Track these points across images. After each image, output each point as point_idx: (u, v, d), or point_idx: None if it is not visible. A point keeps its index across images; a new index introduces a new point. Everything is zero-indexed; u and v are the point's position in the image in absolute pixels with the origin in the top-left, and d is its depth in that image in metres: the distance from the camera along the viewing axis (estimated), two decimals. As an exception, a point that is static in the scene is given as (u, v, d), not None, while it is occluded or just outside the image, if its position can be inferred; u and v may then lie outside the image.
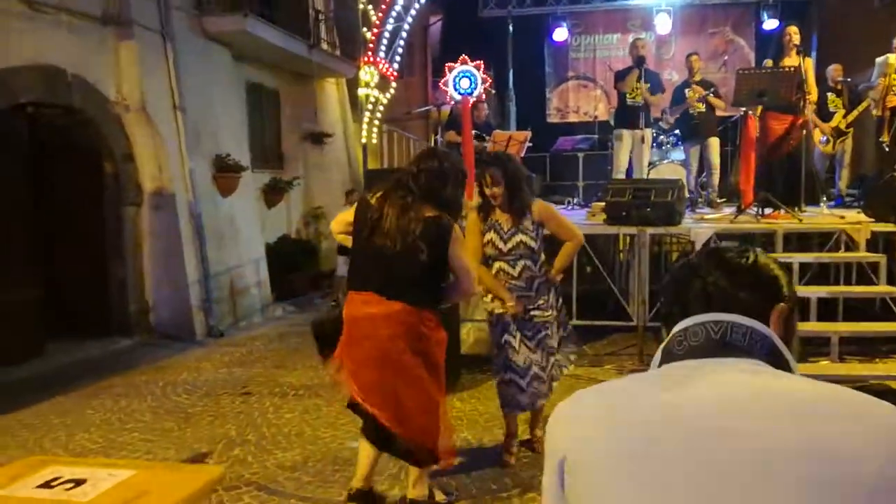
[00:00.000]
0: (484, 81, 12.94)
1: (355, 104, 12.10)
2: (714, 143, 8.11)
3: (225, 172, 8.32)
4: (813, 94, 7.03)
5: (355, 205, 3.29)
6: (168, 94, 7.83)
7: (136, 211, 7.61)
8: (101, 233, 7.55)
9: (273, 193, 9.97)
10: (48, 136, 7.19)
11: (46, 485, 2.10)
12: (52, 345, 6.80)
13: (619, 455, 0.90)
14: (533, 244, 3.95)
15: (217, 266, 8.03)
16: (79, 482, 2.10)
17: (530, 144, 8.77)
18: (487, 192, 3.91)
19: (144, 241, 7.63)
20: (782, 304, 1.04)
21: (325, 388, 5.67)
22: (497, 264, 3.99)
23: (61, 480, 2.12)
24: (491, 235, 3.96)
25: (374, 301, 3.07)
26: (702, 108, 7.96)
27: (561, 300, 4.21)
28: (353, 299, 3.16)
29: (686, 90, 8.03)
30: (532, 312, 4.01)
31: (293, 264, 9.77)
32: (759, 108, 6.97)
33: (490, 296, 4.03)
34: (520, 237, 3.94)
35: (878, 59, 7.43)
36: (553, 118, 12.84)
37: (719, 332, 0.99)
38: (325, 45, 11.20)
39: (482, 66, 12.82)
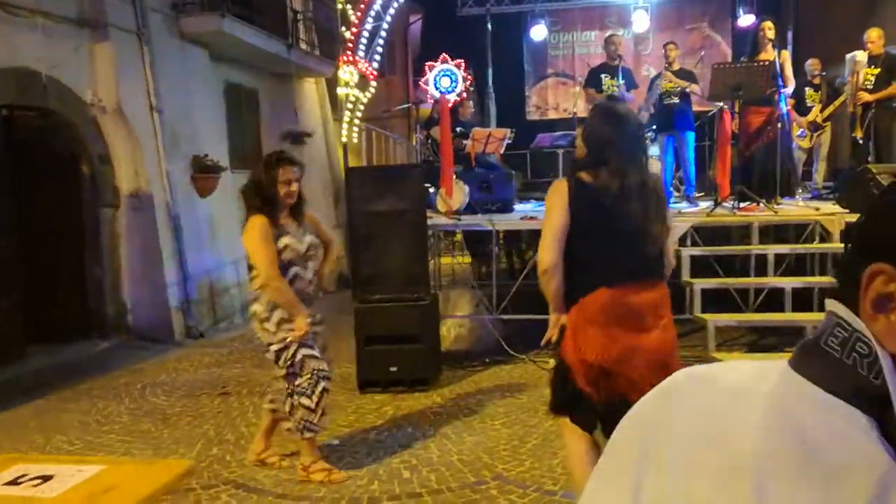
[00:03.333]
0: (465, 80, 12.97)
1: (335, 103, 12.07)
2: (689, 137, 7.98)
3: (203, 173, 8.29)
4: (789, 87, 7.07)
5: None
6: (145, 96, 7.78)
7: (113, 213, 7.56)
8: (79, 235, 7.49)
9: (253, 194, 9.94)
10: (24, 138, 7.12)
11: (13, 482, 2.10)
12: (31, 347, 6.75)
13: None
14: (318, 245, 3.83)
15: (196, 267, 7.99)
16: (46, 478, 2.09)
17: (509, 141, 8.79)
18: (287, 190, 3.65)
19: (122, 243, 7.59)
20: (883, 264, 0.58)
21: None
22: (293, 270, 3.71)
23: (28, 477, 2.12)
24: (287, 240, 3.67)
25: None
26: (675, 100, 7.79)
27: None
28: None
29: (659, 80, 7.90)
30: (315, 328, 3.78)
31: (274, 265, 9.74)
32: (738, 102, 6.99)
33: (277, 318, 3.65)
34: (309, 238, 3.77)
35: (847, 56, 7.49)
36: (532, 115, 12.88)
37: (815, 336, 0.64)
38: (303, 45, 11.18)
39: (463, 64, 12.85)
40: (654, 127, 8.69)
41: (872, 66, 7.38)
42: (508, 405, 5.02)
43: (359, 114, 11.72)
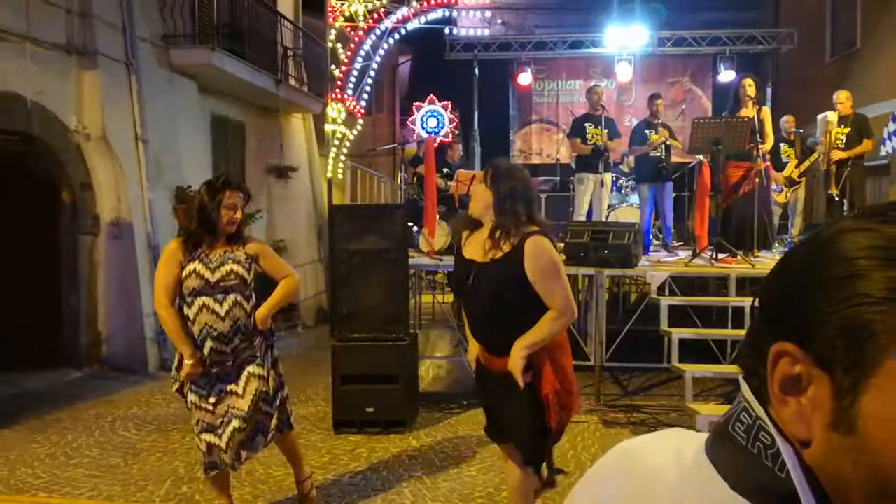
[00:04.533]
0: (451, 122, 13.11)
1: (322, 139, 12.16)
2: (669, 187, 8.20)
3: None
4: (768, 143, 7.24)
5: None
6: (130, 125, 7.79)
7: (92, 240, 7.49)
8: (56, 261, 7.41)
9: (235, 226, 9.88)
10: (4, 162, 7.07)
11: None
12: (1, 376, 6.60)
13: None
14: (246, 275, 3.45)
15: (174, 298, 7.89)
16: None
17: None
18: (231, 216, 3.39)
19: (100, 272, 7.51)
20: (786, 343, 0.54)
21: (280, 424, 5.59)
22: (200, 300, 3.38)
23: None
24: (195, 266, 3.38)
25: None
26: (661, 153, 8.01)
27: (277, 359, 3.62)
28: None
29: (647, 131, 8.06)
30: (247, 369, 3.43)
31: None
32: (720, 156, 7.11)
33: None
34: (231, 266, 3.40)
35: (819, 117, 7.70)
36: (517, 160, 13.01)
37: (725, 416, 0.61)
38: (292, 81, 11.27)
39: (449, 106, 13.00)
40: (635, 177, 8.85)
41: (843, 126, 7.60)
42: (485, 451, 4.98)
43: (345, 150, 11.81)
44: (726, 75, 11.23)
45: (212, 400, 3.38)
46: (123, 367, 7.34)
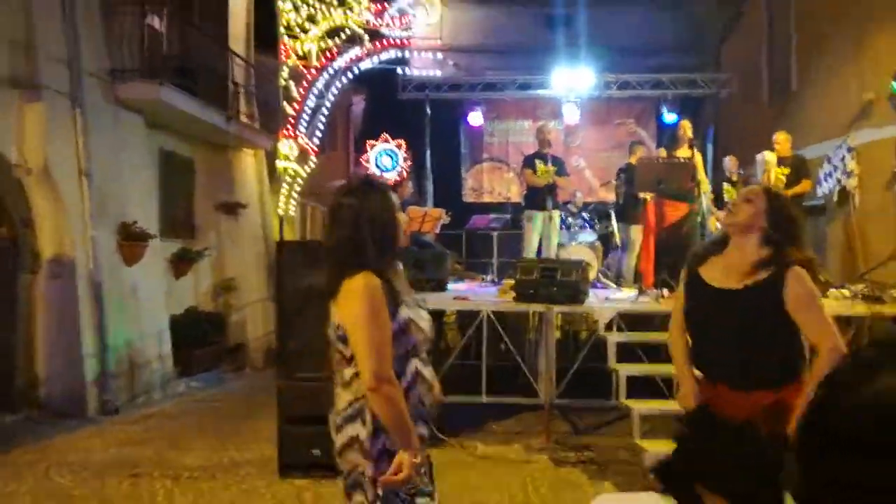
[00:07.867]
0: (405, 160, 13.18)
1: (274, 176, 12.09)
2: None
3: (130, 240, 8.07)
4: (704, 185, 7.46)
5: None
6: (74, 159, 7.61)
7: (31, 278, 7.25)
8: (-8, 300, 7.14)
9: (181, 263, 9.70)
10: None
11: None
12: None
13: None
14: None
15: (116, 338, 7.67)
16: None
17: (445, 222, 8.92)
18: (405, 226, 2.53)
19: (38, 311, 7.25)
20: None
21: (222, 470, 5.44)
22: (413, 364, 2.31)
23: None
24: (407, 312, 2.29)
25: None
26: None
27: None
28: None
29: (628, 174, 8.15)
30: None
31: (200, 337, 9.44)
32: (664, 194, 7.27)
33: (378, 448, 2.24)
34: (426, 314, 2.40)
35: (758, 157, 7.95)
36: (468, 198, 13.17)
37: None
38: (243, 117, 11.22)
39: (403, 144, 13.09)
40: (585, 215, 8.96)
41: (782, 167, 7.87)
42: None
43: (297, 188, 11.77)
44: (670, 117, 11.61)
45: None
46: (62, 410, 7.05)
